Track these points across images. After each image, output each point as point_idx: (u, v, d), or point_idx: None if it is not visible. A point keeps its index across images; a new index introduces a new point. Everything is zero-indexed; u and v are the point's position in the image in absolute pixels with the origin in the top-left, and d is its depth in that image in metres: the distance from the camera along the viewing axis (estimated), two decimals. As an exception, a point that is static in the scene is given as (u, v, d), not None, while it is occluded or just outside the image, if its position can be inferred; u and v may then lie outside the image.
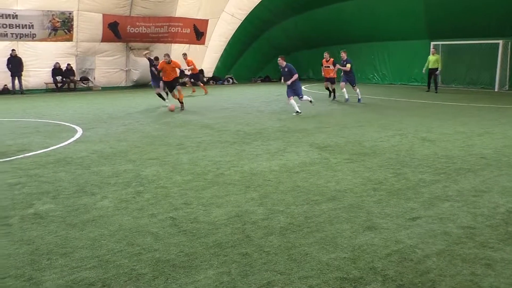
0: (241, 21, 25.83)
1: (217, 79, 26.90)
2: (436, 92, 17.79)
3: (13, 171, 5.97)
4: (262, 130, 9.26)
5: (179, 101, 13.58)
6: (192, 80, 20.10)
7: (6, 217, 4.22)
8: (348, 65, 14.58)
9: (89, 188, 5.17)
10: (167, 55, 13.73)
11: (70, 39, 21.63)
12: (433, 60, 18.02)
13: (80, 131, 9.34)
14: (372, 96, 16.86)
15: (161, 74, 13.50)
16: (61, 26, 21.22)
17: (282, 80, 12.29)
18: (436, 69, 17.96)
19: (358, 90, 14.79)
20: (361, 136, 8.36)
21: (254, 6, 25.19)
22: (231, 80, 27.27)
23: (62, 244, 3.60)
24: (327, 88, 16.08)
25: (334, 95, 15.78)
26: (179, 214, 4.25)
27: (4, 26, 20.00)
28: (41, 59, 21.10)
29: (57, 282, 2.98)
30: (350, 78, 14.89)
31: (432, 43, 20.00)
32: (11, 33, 20.21)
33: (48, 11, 20.62)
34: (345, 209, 4.34)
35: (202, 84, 19.93)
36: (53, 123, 10.64)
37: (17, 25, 20.28)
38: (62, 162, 6.52)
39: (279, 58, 12.03)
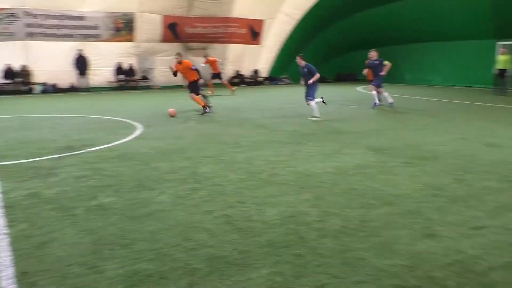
0: (297, 21, 25.76)
1: (272, 79, 27.00)
2: (504, 95, 16.78)
3: (79, 165, 6.32)
4: (316, 131, 9.18)
5: (201, 106, 12.20)
6: (215, 79, 19.38)
7: (72, 208, 4.46)
8: (387, 62, 13.12)
9: (149, 183, 5.35)
10: (179, 54, 12.44)
11: (131, 40, 22.58)
12: (503, 60, 17.01)
13: (140, 128, 9.71)
14: (432, 98, 16.23)
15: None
16: (123, 27, 22.19)
17: (301, 81, 11.67)
18: (506, 70, 16.94)
19: (374, 92, 13.36)
20: (420, 140, 8.06)
21: (311, 5, 25.03)
22: (285, 80, 27.26)
23: (122, 235, 3.75)
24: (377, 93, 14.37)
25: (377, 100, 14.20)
26: (234, 212, 4.30)
27: (72, 27, 21.23)
28: (104, 58, 22.19)
29: (117, 272, 3.11)
30: (377, 78, 13.37)
31: (499, 42, 18.92)
32: (78, 34, 21.40)
33: (111, 12, 21.64)
34: (402, 214, 4.20)
35: (226, 82, 19.36)
36: (116, 120, 11.13)
37: (84, 26, 21.46)
38: (123, 157, 6.80)
39: (297, 58, 11.46)
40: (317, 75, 11.10)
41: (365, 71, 13.83)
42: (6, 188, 5.12)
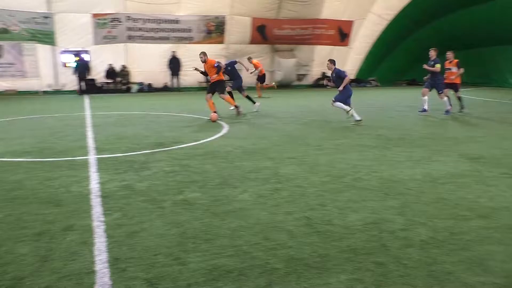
0: (388, 22, 24.87)
1: (360, 81, 26.33)
2: None
3: (168, 160, 6.67)
4: (405, 136, 8.77)
5: (234, 106, 12.06)
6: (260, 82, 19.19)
7: (161, 201, 4.72)
8: (438, 66, 11.86)
9: (232, 181, 5.49)
10: (203, 53, 11.72)
11: (221, 42, 23.35)
12: None
13: (226, 127, 10.00)
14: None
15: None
16: (214, 30, 23.05)
17: (328, 84, 11.10)
18: None
19: (446, 99, 12.02)
20: (523, 149, 7.36)
21: (405, 5, 24.00)
22: (373, 83, 26.45)
23: (205, 230, 3.89)
24: (447, 97, 12.35)
25: (462, 105, 12.60)
26: (314, 215, 4.26)
27: (167, 30, 22.52)
28: (196, 60, 23.10)
29: (200, 265, 3.23)
30: (436, 83, 12.14)
31: None
32: (173, 37, 22.64)
33: (204, 16, 22.58)
34: (499, 229, 3.86)
35: (265, 85, 19.08)
36: (204, 119, 11.57)
37: (178, 29, 22.67)
38: (209, 155, 7.05)
39: (327, 62, 10.77)
40: (347, 79, 10.52)
41: (426, 77, 12.61)
42: (103, 179, 5.55)
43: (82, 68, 20.78)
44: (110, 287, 2.92)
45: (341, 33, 25.34)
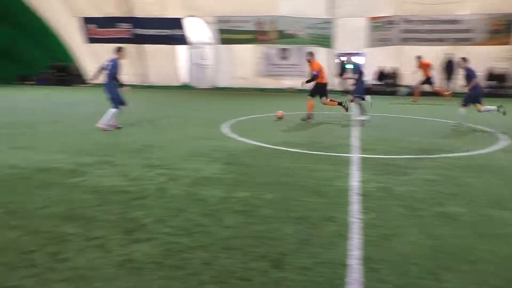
0: None
1: None
2: None
3: (431, 168, 6.30)
4: None
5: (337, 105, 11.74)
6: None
7: (418, 209, 4.50)
8: None
9: (505, 202, 4.77)
10: (309, 53, 11.84)
11: (508, 43, 20.51)
12: None
13: (506, 139, 8.74)
14: None
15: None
16: (502, 29, 20.46)
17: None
18: None
19: None
20: None
21: None
22: None
23: (467, 250, 3.52)
24: None
25: None
26: None
27: (443, 31, 21.26)
28: (473, 63, 21.02)
29: (458, 286, 2.95)
30: None
31: None
32: (448, 38, 21.24)
33: (489, 14, 20.28)
34: None
35: (439, 90, 17.43)
36: (480, 129, 10.41)
37: (456, 30, 21.10)
38: (480, 168, 6.31)
39: (460, 60, 10.49)
40: (474, 81, 10.52)
41: None
42: (363, 178, 5.68)
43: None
44: (361, 284, 2.97)
45: None
